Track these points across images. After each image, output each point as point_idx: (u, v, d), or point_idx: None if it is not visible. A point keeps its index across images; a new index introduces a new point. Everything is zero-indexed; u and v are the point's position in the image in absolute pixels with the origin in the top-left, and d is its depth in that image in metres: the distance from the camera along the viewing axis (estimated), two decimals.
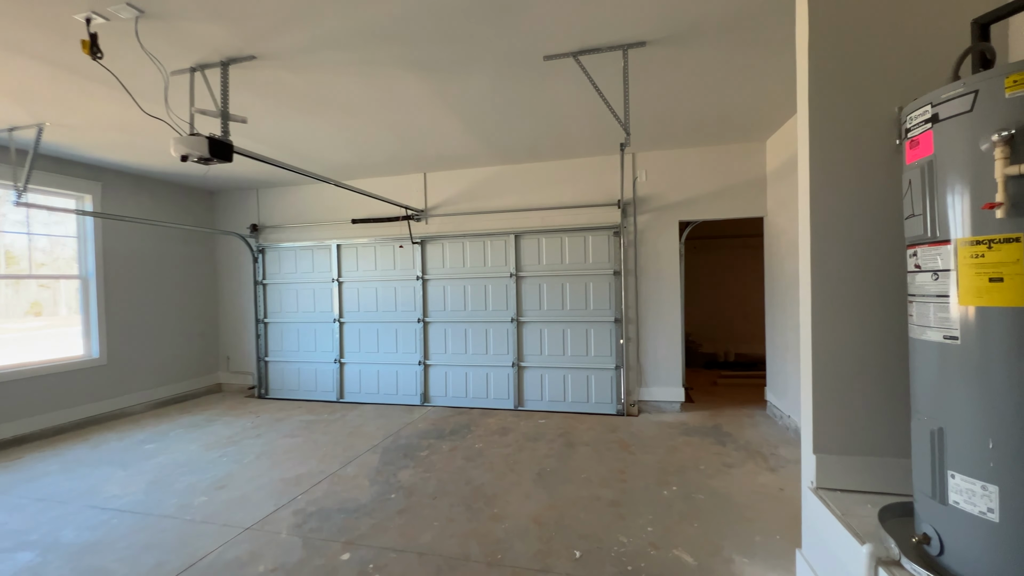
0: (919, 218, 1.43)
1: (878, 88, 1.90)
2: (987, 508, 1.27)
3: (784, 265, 4.29)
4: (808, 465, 2.02)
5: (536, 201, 5.22)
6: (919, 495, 1.49)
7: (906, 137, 1.50)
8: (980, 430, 1.29)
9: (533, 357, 5.23)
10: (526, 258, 5.26)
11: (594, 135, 4.29)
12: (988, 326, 1.27)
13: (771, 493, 2.99)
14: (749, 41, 2.64)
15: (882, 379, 1.92)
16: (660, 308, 4.91)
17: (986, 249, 1.26)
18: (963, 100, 1.30)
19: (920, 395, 1.48)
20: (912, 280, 1.49)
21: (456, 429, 4.52)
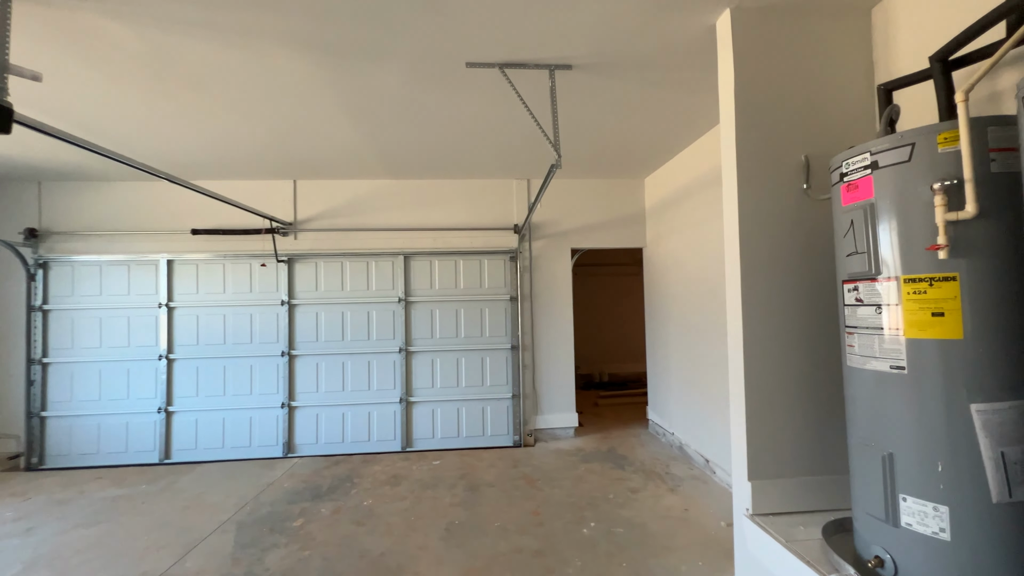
0: (862, 256, 1.53)
1: (788, 140, 2.09)
2: (939, 528, 1.35)
3: (663, 292, 4.67)
4: (743, 493, 2.05)
5: (429, 220, 4.86)
6: (866, 518, 1.55)
7: (842, 181, 1.62)
8: (929, 454, 1.38)
9: (424, 391, 4.75)
10: (417, 282, 4.82)
11: (498, 156, 4.16)
12: (932, 356, 1.38)
13: (679, 516, 3.07)
14: (656, 81, 2.79)
15: (808, 405, 2.06)
16: (555, 333, 4.92)
17: (928, 286, 1.38)
18: (901, 151, 1.43)
19: (865, 422, 1.56)
20: (853, 313, 1.59)
21: (335, 484, 3.79)
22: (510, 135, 3.62)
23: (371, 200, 4.83)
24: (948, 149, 1.36)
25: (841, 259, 1.66)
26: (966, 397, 1.33)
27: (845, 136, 2.11)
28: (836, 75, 2.13)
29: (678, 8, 2.12)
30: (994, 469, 1.29)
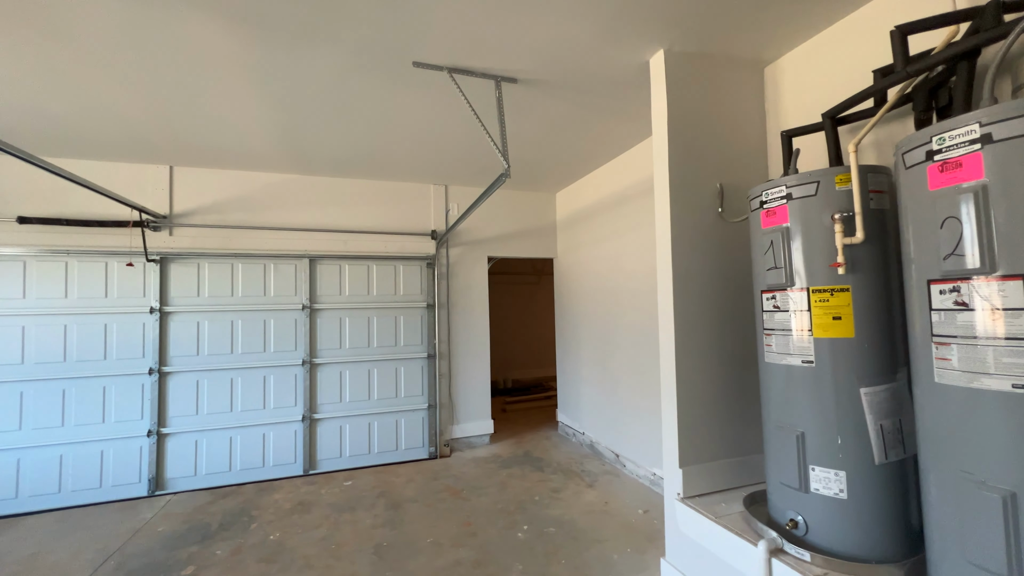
0: (780, 270, 1.85)
1: (707, 168, 2.43)
2: (839, 489, 1.68)
3: (574, 301, 4.98)
4: (674, 479, 2.29)
5: (340, 222, 4.52)
6: (781, 488, 1.86)
7: (762, 207, 1.94)
8: (831, 430, 1.71)
9: (331, 406, 4.37)
10: (324, 288, 4.44)
11: (420, 159, 4.06)
12: (833, 352, 1.72)
13: (601, 509, 3.29)
14: (588, 104, 3.01)
15: (725, 397, 2.38)
16: (471, 341, 4.92)
17: (830, 295, 1.72)
18: (809, 187, 1.77)
19: (780, 408, 1.88)
20: (771, 317, 1.91)
21: (228, 520, 3.27)
22: (439, 140, 3.57)
23: (272, 196, 4.33)
24: (843, 188, 1.72)
25: (760, 272, 1.97)
26: (856, 383, 1.69)
27: (747, 169, 2.52)
28: (739, 118, 2.54)
29: (620, 43, 2.33)
30: (876, 437, 1.65)
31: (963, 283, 1.28)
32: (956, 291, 1.30)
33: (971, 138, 1.26)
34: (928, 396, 1.40)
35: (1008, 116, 1.20)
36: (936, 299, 1.35)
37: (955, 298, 1.30)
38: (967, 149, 1.26)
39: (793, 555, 1.72)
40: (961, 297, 1.29)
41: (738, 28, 2.23)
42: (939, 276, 1.34)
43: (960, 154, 1.28)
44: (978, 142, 1.24)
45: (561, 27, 2.19)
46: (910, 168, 1.43)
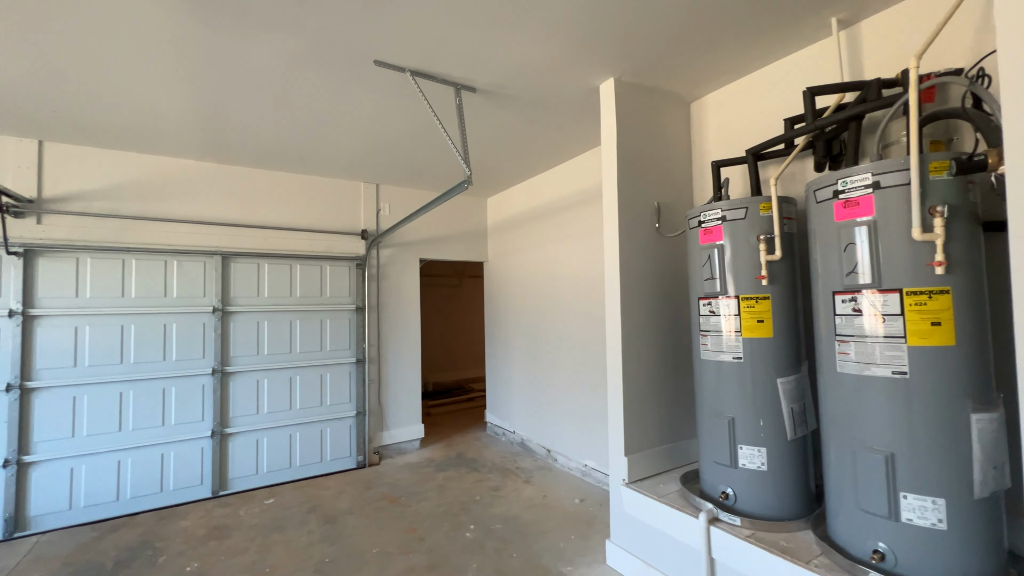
0: (715, 280, 2.17)
1: (647, 188, 2.74)
2: (761, 464, 2.04)
3: (505, 304, 5.13)
4: (619, 467, 2.53)
5: (259, 217, 4.14)
6: (714, 466, 2.18)
7: (700, 226, 2.26)
8: (755, 415, 2.06)
9: (246, 419, 3.98)
10: (239, 288, 4.03)
11: (357, 158, 3.90)
12: (756, 349, 2.08)
13: (541, 503, 3.46)
14: (536, 118, 3.18)
15: (662, 392, 2.69)
16: (403, 344, 4.81)
17: (755, 302, 2.07)
18: (739, 211, 2.12)
19: (714, 398, 2.20)
20: (707, 320, 2.23)
21: (127, 556, 2.84)
22: (380, 139, 3.48)
23: (180, 184, 3.82)
24: (765, 214, 2.09)
25: (698, 281, 2.29)
26: (775, 374, 2.05)
27: (677, 191, 2.88)
28: (672, 145, 2.90)
29: (576, 68, 2.52)
30: (788, 418, 2.03)
31: (858, 294, 1.66)
32: (854, 300, 1.68)
33: (866, 183, 1.64)
34: (831, 382, 1.77)
35: (891, 169, 1.59)
36: (839, 307, 1.72)
37: (853, 306, 1.67)
38: (863, 191, 1.64)
39: (726, 522, 2.03)
40: (857, 305, 1.66)
41: (675, 67, 2.55)
42: (841, 288, 1.71)
43: (858, 195, 1.66)
44: (871, 187, 1.63)
45: (526, 48, 2.31)
46: (820, 203, 1.80)
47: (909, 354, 1.55)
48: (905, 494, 1.55)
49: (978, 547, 1.49)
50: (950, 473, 1.49)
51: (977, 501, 1.48)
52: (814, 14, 2.10)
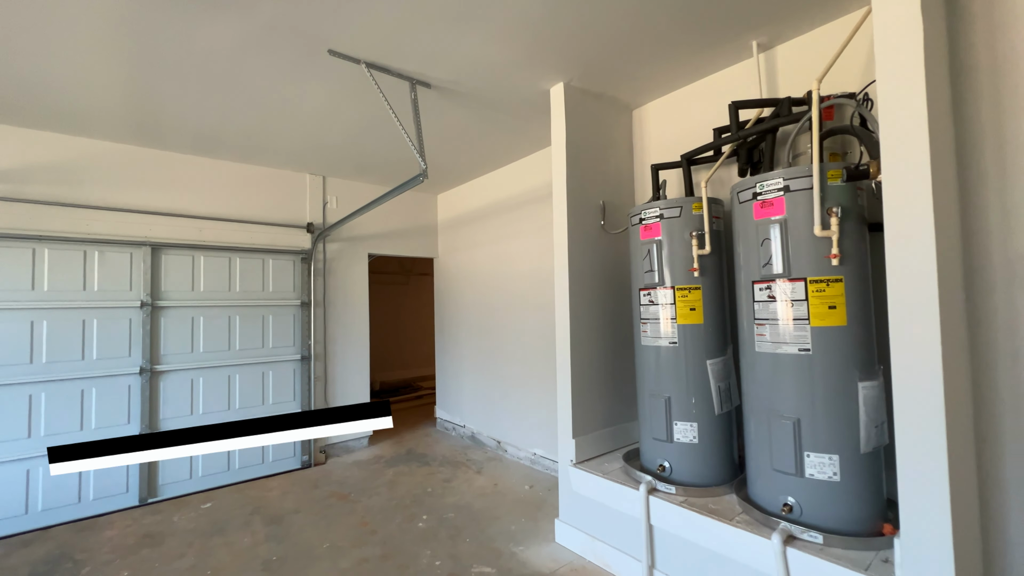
0: (654, 272, 2.39)
1: (593, 187, 2.92)
2: (693, 437, 2.27)
3: (456, 300, 5.18)
4: (568, 449, 2.70)
5: (194, 206, 3.91)
6: (653, 442, 2.39)
7: (640, 223, 2.47)
8: (688, 393, 2.29)
9: (179, 420, 3.74)
10: (172, 282, 3.79)
11: (303, 148, 3.79)
12: (689, 335, 2.31)
13: (492, 491, 3.56)
14: (489, 117, 3.28)
15: (606, 377, 2.88)
16: (350, 341, 4.72)
17: (688, 292, 2.30)
18: (675, 210, 2.34)
19: (653, 380, 2.41)
20: (647, 309, 2.44)
21: (42, 571, 2.61)
22: (328, 130, 3.42)
23: (103, 168, 3.53)
24: (697, 212, 2.33)
25: (639, 274, 2.50)
26: (705, 357, 2.29)
27: (619, 191, 3.10)
28: (615, 148, 3.11)
29: (529, 70, 2.65)
30: (716, 395, 2.27)
31: (772, 283, 1.91)
32: (768, 289, 1.93)
33: (778, 187, 1.89)
34: (751, 360, 2.02)
35: (798, 175, 1.85)
36: (757, 294, 1.97)
37: (768, 293, 1.92)
38: (776, 193, 1.90)
39: (663, 491, 2.24)
40: (771, 292, 1.92)
41: (619, 75, 2.75)
42: (759, 278, 1.96)
43: (772, 196, 1.91)
44: (782, 190, 1.88)
45: (481, 48, 2.41)
46: (742, 203, 2.04)
47: (812, 334, 1.81)
48: (808, 453, 1.81)
49: (864, 495, 1.78)
50: (842, 433, 1.77)
51: (863, 455, 1.77)
52: (738, 37, 2.37)
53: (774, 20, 2.24)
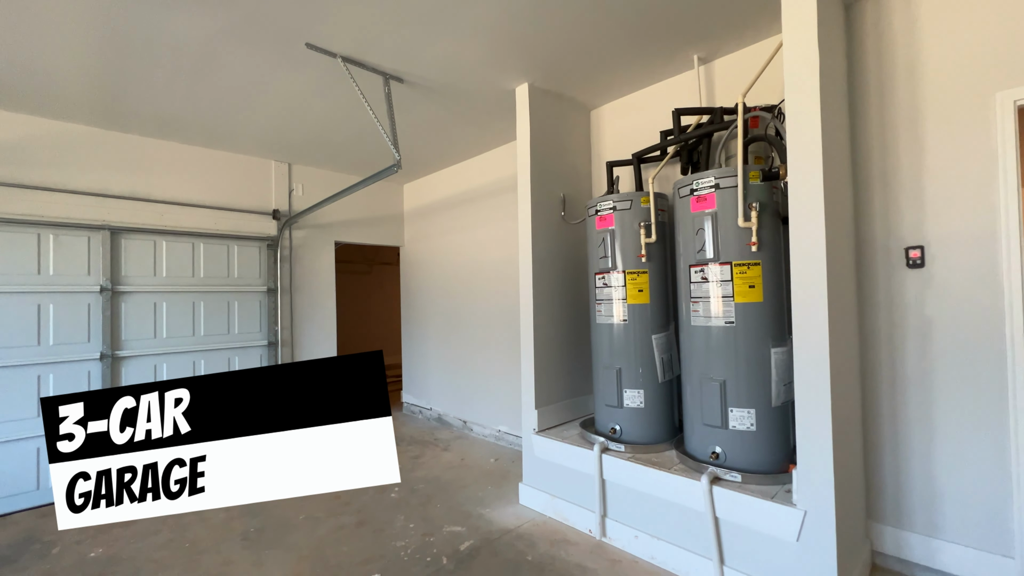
0: (608, 258, 2.68)
1: (554, 181, 3.19)
2: (640, 403, 2.59)
3: (422, 288, 5.34)
4: (530, 419, 2.98)
5: (157, 191, 3.86)
6: (605, 408, 2.70)
7: (596, 214, 2.75)
8: (635, 364, 2.61)
9: None
10: (133, 267, 3.74)
11: (269, 134, 3.83)
12: (638, 313, 2.62)
13: (459, 464, 3.80)
14: (458, 112, 3.47)
15: (564, 354, 3.17)
16: (317, 328, 4.79)
17: (637, 275, 2.62)
18: (626, 203, 2.64)
19: (607, 354, 2.71)
20: (601, 292, 2.73)
21: (10, 553, 2.62)
22: (296, 118, 3.49)
23: (57, 149, 3.43)
24: (645, 205, 2.63)
25: (594, 260, 2.78)
26: (651, 332, 2.62)
27: (578, 185, 3.37)
28: (574, 145, 3.38)
29: (495, 70, 2.86)
30: (660, 366, 2.61)
31: (705, 266, 2.24)
32: (702, 271, 2.26)
33: (711, 184, 2.22)
34: (688, 333, 2.35)
35: (726, 175, 2.18)
36: (693, 276, 2.30)
37: (702, 275, 2.25)
38: (709, 190, 2.22)
39: (614, 450, 2.56)
40: (704, 274, 2.25)
41: (578, 78, 3.02)
42: (695, 262, 2.29)
43: (706, 192, 2.23)
44: (714, 187, 2.21)
45: (453, 47, 2.59)
46: (682, 198, 2.36)
47: (736, 309, 2.16)
48: (732, 408, 2.16)
49: (774, 441, 2.15)
50: (758, 390, 2.13)
51: (774, 409, 2.13)
52: (681, 50, 2.68)
53: (711, 37, 2.56)
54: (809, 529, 1.82)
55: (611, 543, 2.50)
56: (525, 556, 2.42)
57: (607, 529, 2.52)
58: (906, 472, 2.13)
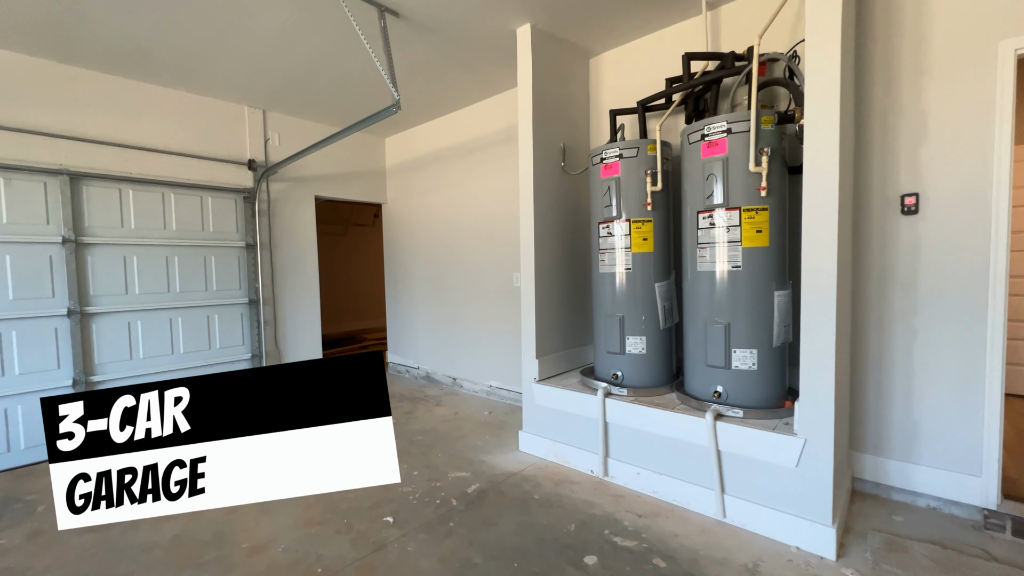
0: (612, 207, 2.68)
1: (555, 132, 3.12)
2: (642, 348, 2.66)
3: (408, 246, 5.21)
4: (531, 368, 3.02)
5: (120, 134, 3.53)
6: (607, 355, 2.77)
7: (601, 162, 2.72)
8: (638, 312, 2.66)
9: (117, 365, 3.54)
10: (98, 217, 3.46)
11: (243, 77, 3.54)
12: (641, 262, 2.66)
13: (454, 418, 3.84)
14: (451, 55, 3.30)
15: (564, 304, 3.20)
16: (299, 286, 4.63)
17: (642, 224, 2.63)
18: (633, 150, 2.62)
19: (609, 302, 2.75)
20: (604, 241, 2.74)
21: None
22: (274, 56, 3.23)
23: (7, 84, 3.05)
24: (652, 153, 2.62)
25: (598, 209, 2.78)
26: (653, 280, 2.66)
27: (577, 135, 3.32)
28: (574, 94, 3.30)
29: (495, 11, 2.72)
30: (662, 313, 2.67)
31: (713, 212, 2.28)
32: (710, 217, 2.29)
33: (723, 129, 2.22)
34: (694, 279, 2.41)
35: (739, 120, 2.18)
36: (700, 222, 2.33)
37: (710, 221, 2.29)
38: (720, 135, 2.23)
39: (617, 394, 2.64)
40: (712, 220, 2.28)
41: (580, 22, 2.91)
42: (703, 208, 2.31)
43: (717, 137, 2.24)
44: (725, 132, 2.21)
45: None
46: (692, 143, 2.36)
47: (743, 253, 2.21)
48: (735, 350, 2.25)
49: (774, 380, 2.26)
50: (760, 332, 2.22)
51: (774, 349, 2.24)
52: None
53: None
54: (808, 456, 1.95)
55: (613, 481, 2.61)
56: (532, 495, 2.51)
57: (609, 468, 2.63)
58: (887, 405, 2.30)
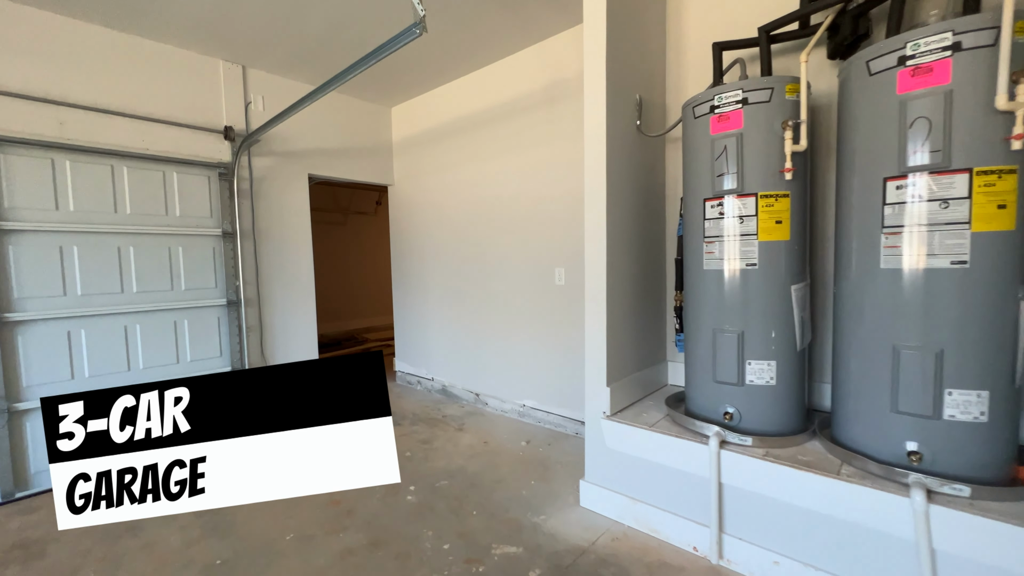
0: (728, 175, 1.87)
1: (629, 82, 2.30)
2: (770, 378, 1.87)
3: (420, 238, 4.40)
4: (601, 399, 2.23)
5: (45, 86, 2.71)
6: (713, 386, 1.98)
7: (712, 112, 1.91)
8: (766, 328, 1.86)
9: (53, 387, 2.74)
10: (22, 195, 2.65)
11: (215, 11, 2.71)
12: (770, 254, 1.85)
13: (483, 450, 3.06)
14: None
15: (640, 312, 2.40)
16: (290, 284, 3.83)
17: (775, 200, 1.83)
18: (765, 91, 1.81)
19: (713, 310, 1.96)
20: (713, 225, 1.94)
21: None
22: None
23: None
24: (792, 96, 1.81)
25: (703, 181, 1.97)
26: (789, 281, 1.86)
27: (652, 85, 2.49)
28: (649, 30, 2.47)
29: None
30: (799, 327, 1.88)
31: (919, 176, 1.47)
32: (909, 186, 1.48)
33: (944, 45, 1.41)
34: (861, 280, 1.61)
35: (976, 27, 1.37)
36: (890, 195, 1.52)
37: (913, 191, 1.48)
38: (939, 55, 1.42)
39: (736, 443, 1.85)
40: (916, 190, 1.47)
41: None
42: (897, 173, 1.51)
43: (931, 60, 1.43)
44: (950, 48, 1.40)
45: None
46: (874, 75, 1.55)
47: (971, 240, 1.41)
48: (950, 391, 1.46)
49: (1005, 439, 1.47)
50: (995, 360, 1.43)
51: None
52: None
53: None
54: None
55: (731, 568, 1.83)
56: None
57: (724, 549, 1.85)
58: None
